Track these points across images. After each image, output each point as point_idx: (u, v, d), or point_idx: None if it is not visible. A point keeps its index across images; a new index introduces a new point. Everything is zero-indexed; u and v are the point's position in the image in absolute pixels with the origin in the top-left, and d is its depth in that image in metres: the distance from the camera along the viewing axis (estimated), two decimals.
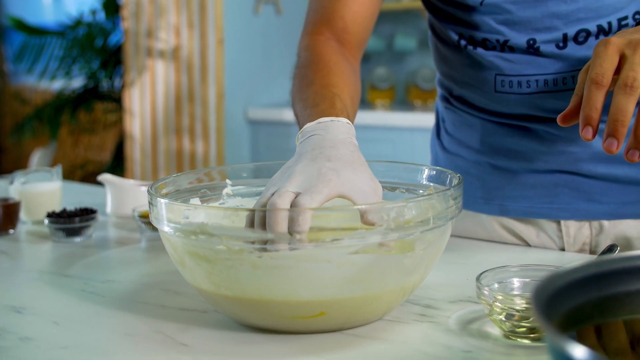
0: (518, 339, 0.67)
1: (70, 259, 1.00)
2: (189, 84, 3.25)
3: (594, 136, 0.73)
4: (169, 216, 0.68)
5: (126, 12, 3.41)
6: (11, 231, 1.15)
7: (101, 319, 0.76)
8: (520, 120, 0.98)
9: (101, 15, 4.01)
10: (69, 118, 3.97)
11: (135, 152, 3.49)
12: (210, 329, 0.71)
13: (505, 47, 0.94)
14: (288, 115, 3.14)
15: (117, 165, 3.87)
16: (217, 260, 0.65)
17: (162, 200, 0.68)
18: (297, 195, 0.67)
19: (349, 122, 0.81)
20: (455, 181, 0.76)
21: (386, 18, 3.56)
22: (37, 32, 4.04)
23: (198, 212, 0.65)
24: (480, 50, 0.96)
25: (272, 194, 0.68)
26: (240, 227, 0.64)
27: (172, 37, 3.27)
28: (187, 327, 0.72)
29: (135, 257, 1.03)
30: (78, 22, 3.99)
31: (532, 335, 0.67)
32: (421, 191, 0.83)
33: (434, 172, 0.83)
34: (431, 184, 0.83)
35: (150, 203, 0.71)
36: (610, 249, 0.84)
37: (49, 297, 0.84)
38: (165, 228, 0.68)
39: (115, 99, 3.93)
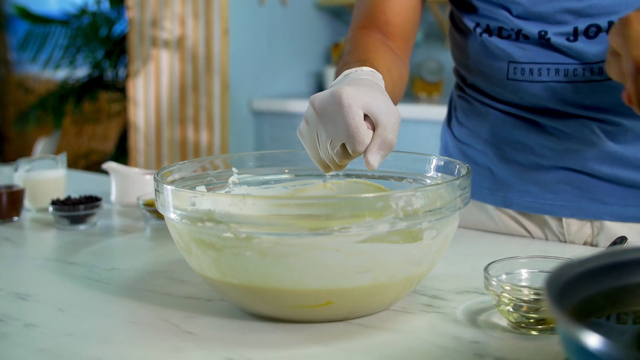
0: (525, 330, 0.67)
1: (75, 246, 1.00)
2: (194, 74, 3.24)
3: None
4: (175, 203, 0.67)
5: (131, 1, 3.40)
6: (15, 218, 1.14)
7: (106, 306, 0.76)
8: (530, 113, 0.97)
9: (106, 5, 4.00)
10: (73, 107, 3.97)
11: (139, 142, 3.48)
12: (216, 318, 0.71)
13: (519, 35, 0.94)
14: (293, 106, 3.13)
15: (121, 155, 3.87)
16: (223, 247, 0.64)
17: (169, 187, 0.68)
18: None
19: (373, 69, 0.82)
20: (463, 171, 0.76)
21: None
22: (42, 20, 4.03)
23: (205, 199, 0.65)
24: (495, 38, 0.96)
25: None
26: (248, 215, 0.63)
27: (177, 27, 3.26)
28: (193, 315, 0.72)
29: (139, 245, 1.02)
30: (83, 11, 3.98)
31: (539, 326, 0.66)
32: (428, 181, 0.83)
33: (442, 162, 0.82)
34: (439, 174, 0.82)
35: (156, 190, 0.71)
36: (621, 240, 0.83)
37: (54, 284, 0.84)
38: (172, 215, 0.68)
39: (120, 89, 3.93)
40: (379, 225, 0.62)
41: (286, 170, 0.88)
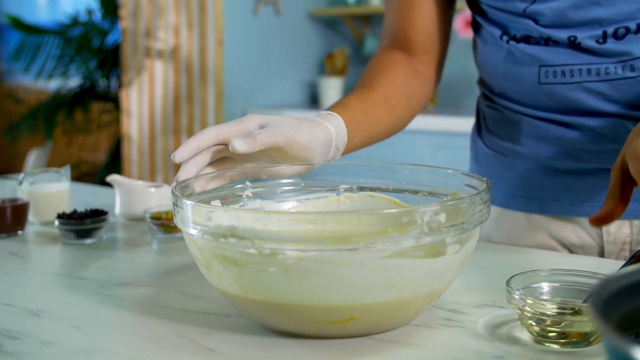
0: (548, 344, 0.66)
1: (83, 260, 0.99)
2: (188, 84, 3.23)
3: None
4: (196, 219, 0.66)
5: (124, 11, 3.39)
6: (20, 232, 1.13)
7: (122, 322, 0.75)
8: (563, 115, 0.98)
9: (98, 15, 3.99)
10: (64, 118, 3.94)
11: (132, 153, 3.47)
12: (236, 334, 0.70)
13: (549, 41, 0.95)
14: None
15: (113, 166, 3.85)
16: (246, 263, 0.64)
17: (189, 202, 0.67)
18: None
19: (331, 112, 0.91)
20: (480, 184, 0.75)
21: None
22: (35, 30, 4.01)
23: (228, 215, 0.64)
24: (522, 45, 0.97)
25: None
26: (272, 230, 0.62)
27: (171, 37, 3.25)
28: (212, 331, 0.71)
29: (148, 259, 1.01)
30: (75, 22, 3.97)
31: (562, 340, 0.66)
32: (444, 195, 0.82)
33: (457, 175, 0.82)
34: (454, 187, 0.82)
35: (175, 205, 0.70)
36: None
37: (66, 300, 0.82)
38: (192, 230, 0.67)
39: (112, 99, 3.91)
40: (404, 241, 0.62)
41: (302, 184, 0.87)
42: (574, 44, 0.93)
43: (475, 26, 1.07)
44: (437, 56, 1.06)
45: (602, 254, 1.00)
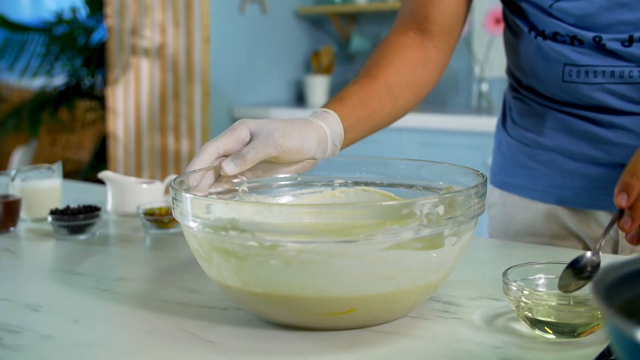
0: (544, 334, 0.67)
1: (77, 256, 0.99)
2: (174, 82, 3.22)
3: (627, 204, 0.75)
4: (195, 212, 0.67)
5: (110, 9, 3.38)
6: (12, 229, 1.13)
7: (121, 316, 0.75)
8: (587, 111, 0.99)
9: (82, 13, 3.96)
10: (49, 116, 3.92)
11: (118, 151, 3.45)
12: (235, 326, 0.71)
13: (574, 40, 0.96)
14: (274, 114, 3.13)
15: (98, 164, 3.83)
16: (247, 256, 0.64)
17: (188, 196, 0.67)
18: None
19: (326, 109, 0.90)
20: (476, 178, 0.76)
21: (372, 18, 3.57)
22: (19, 28, 3.98)
23: (228, 207, 0.65)
24: (550, 42, 0.98)
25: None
26: (273, 223, 0.63)
27: (157, 35, 3.24)
28: (211, 324, 0.71)
29: (142, 254, 1.01)
30: (60, 19, 3.94)
31: (558, 330, 0.67)
32: (439, 189, 0.83)
33: (450, 170, 0.83)
34: (448, 181, 0.83)
35: (174, 199, 0.70)
36: None
37: (63, 294, 0.82)
38: (192, 224, 0.67)
39: (98, 97, 3.89)
40: (403, 233, 0.62)
41: (298, 179, 0.88)
42: (598, 45, 0.94)
43: (506, 18, 1.08)
44: (452, 40, 1.06)
45: (616, 247, 1.02)
